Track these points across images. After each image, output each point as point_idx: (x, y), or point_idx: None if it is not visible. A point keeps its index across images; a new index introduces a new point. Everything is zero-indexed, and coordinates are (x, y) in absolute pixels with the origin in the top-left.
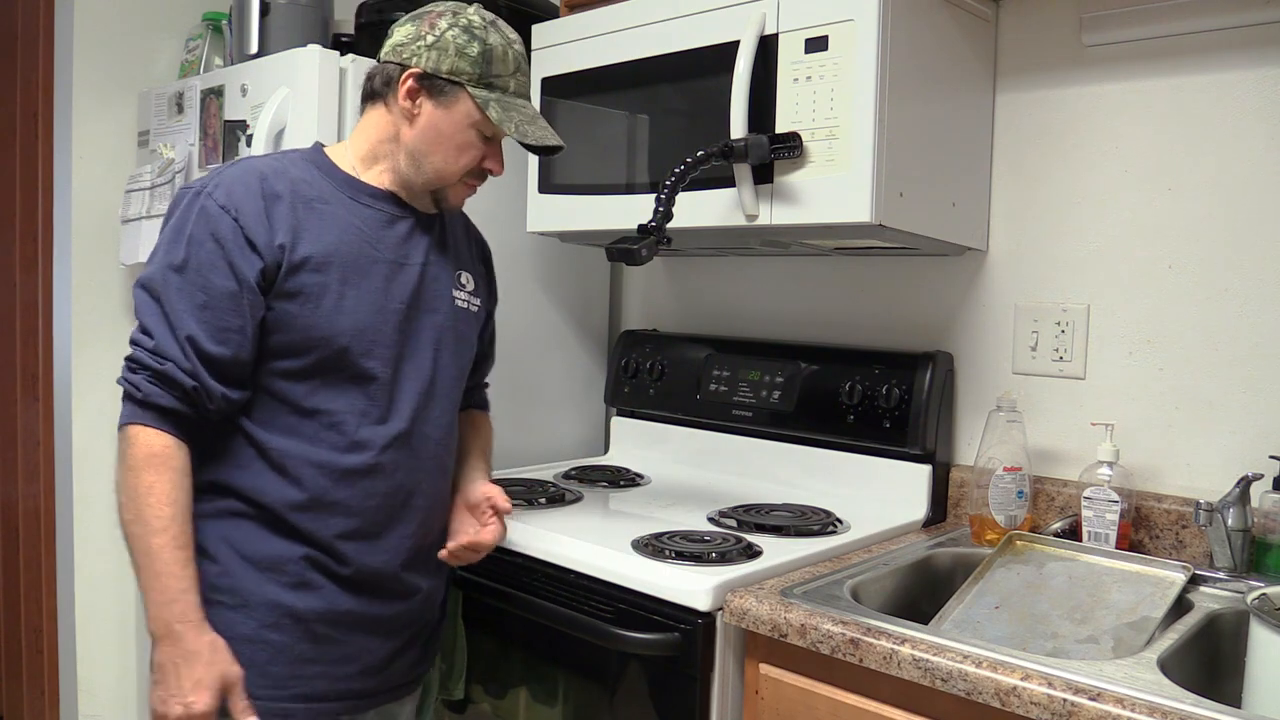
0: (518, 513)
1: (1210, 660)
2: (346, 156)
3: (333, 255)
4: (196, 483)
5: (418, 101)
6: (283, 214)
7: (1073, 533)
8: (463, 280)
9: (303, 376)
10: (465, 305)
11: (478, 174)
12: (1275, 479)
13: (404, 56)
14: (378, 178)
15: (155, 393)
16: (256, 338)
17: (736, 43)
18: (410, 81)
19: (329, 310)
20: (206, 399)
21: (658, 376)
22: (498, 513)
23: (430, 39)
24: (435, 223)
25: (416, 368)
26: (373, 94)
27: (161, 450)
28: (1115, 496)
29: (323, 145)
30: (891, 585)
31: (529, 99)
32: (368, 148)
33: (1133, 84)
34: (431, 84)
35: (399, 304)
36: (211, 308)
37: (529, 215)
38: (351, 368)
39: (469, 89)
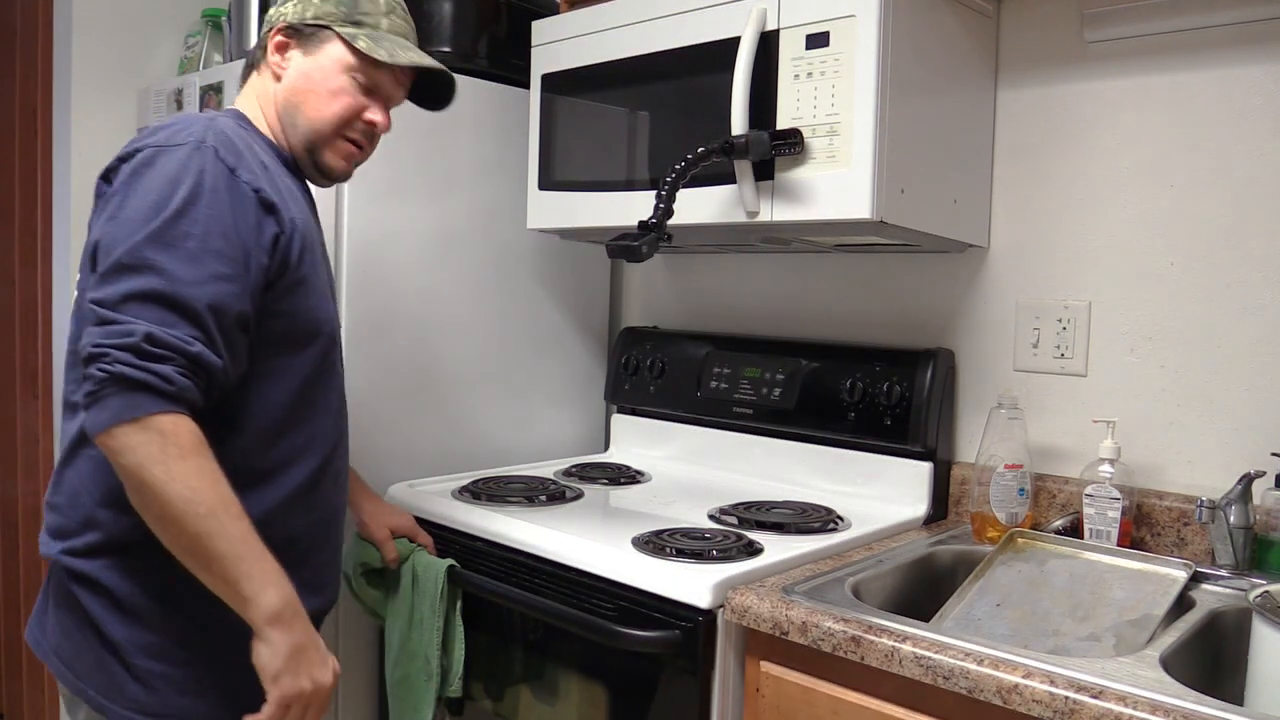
0: (518, 510)
1: (1212, 658)
2: (258, 121)
3: (307, 234)
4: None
5: (287, 55)
6: (272, 183)
7: (1074, 530)
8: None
9: (297, 373)
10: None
11: (360, 130)
12: (1277, 476)
13: (273, 19)
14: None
15: (188, 387)
16: (256, 317)
17: (737, 39)
18: (278, 36)
19: (320, 293)
20: (224, 379)
21: (658, 374)
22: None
23: None
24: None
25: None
26: (249, 66)
27: (200, 438)
28: (1117, 494)
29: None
30: (892, 583)
31: (409, 40)
32: (256, 114)
33: (1135, 80)
34: (298, 34)
35: (331, 288)
36: (229, 278)
37: (529, 212)
38: (333, 361)
39: (335, 28)
